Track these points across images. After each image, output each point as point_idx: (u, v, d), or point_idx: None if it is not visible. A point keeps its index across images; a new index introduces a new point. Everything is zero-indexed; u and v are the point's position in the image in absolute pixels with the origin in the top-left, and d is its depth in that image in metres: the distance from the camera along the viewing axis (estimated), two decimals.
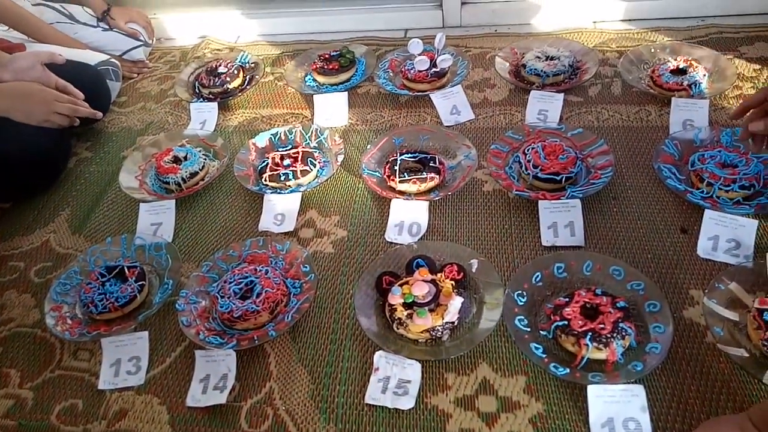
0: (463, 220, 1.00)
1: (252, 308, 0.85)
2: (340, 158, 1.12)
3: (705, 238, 0.88)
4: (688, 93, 1.15)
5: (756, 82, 1.18)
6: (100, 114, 1.25)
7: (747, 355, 0.72)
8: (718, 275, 0.81)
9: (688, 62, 1.20)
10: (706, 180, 0.94)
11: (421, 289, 0.82)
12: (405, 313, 0.81)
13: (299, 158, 1.12)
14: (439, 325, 0.80)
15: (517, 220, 0.98)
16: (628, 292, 0.82)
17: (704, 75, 1.17)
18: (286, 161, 1.12)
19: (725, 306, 0.78)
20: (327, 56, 1.39)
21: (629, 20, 1.46)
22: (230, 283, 0.89)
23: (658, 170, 0.98)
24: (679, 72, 1.18)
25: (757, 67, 1.22)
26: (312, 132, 1.20)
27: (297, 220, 1.03)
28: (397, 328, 0.82)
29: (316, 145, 1.18)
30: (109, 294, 0.92)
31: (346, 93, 1.30)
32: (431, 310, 0.81)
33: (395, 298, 0.83)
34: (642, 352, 0.75)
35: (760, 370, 0.70)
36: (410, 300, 0.82)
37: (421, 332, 0.80)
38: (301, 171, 1.09)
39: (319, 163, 1.13)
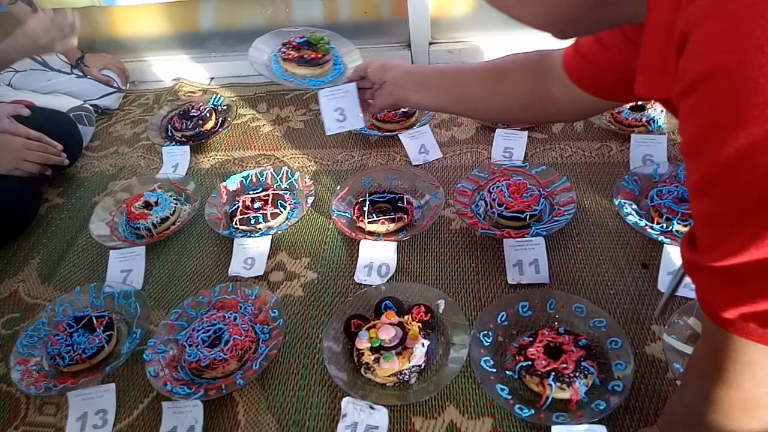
0: (431, 260, 1.02)
1: (220, 356, 0.85)
2: (311, 200, 1.13)
3: (665, 273, 0.91)
4: (647, 129, 1.19)
5: None
6: (67, 161, 1.26)
7: None
8: (678, 310, 0.83)
9: None
10: (665, 215, 0.97)
11: (387, 333, 0.83)
12: (372, 357, 0.82)
13: (270, 201, 1.13)
14: (406, 369, 0.81)
15: (484, 259, 1.00)
16: (590, 329, 0.83)
17: (662, 111, 1.21)
18: (257, 204, 1.13)
19: (685, 341, 0.80)
20: (295, 44, 1.18)
21: None
22: (198, 330, 0.89)
23: (618, 206, 1.01)
24: (638, 108, 1.23)
25: None
26: (283, 174, 1.21)
27: (267, 263, 1.04)
28: (365, 373, 0.82)
29: (287, 186, 1.20)
30: (77, 345, 0.91)
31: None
32: (398, 354, 0.82)
33: (362, 342, 0.83)
34: (605, 390, 0.76)
35: None
36: (377, 344, 0.82)
37: (389, 376, 0.81)
38: (271, 214, 1.10)
39: (289, 204, 1.14)
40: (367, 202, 1.09)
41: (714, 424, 0.54)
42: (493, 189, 1.07)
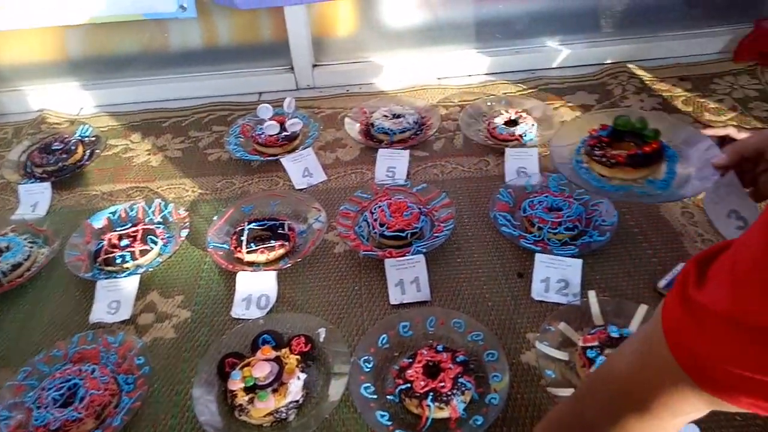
0: (314, 286, 0.98)
1: (73, 416, 0.76)
2: (185, 233, 1.06)
3: (538, 281, 0.93)
4: (520, 142, 1.24)
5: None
6: None
7: None
8: (548, 317, 0.85)
9: (519, 113, 1.30)
10: (536, 224, 1.00)
11: (262, 370, 0.78)
12: (246, 398, 0.77)
13: (139, 237, 1.05)
14: (283, 406, 0.76)
15: (367, 281, 0.98)
16: (468, 343, 0.83)
17: (533, 125, 1.27)
18: (124, 241, 1.05)
19: (557, 347, 0.82)
20: (606, 140, 0.93)
21: (470, 75, 1.56)
22: (49, 389, 0.80)
23: (494, 218, 1.03)
24: (512, 123, 1.28)
25: (579, 113, 1.35)
26: (155, 206, 1.14)
27: (135, 305, 0.96)
28: (239, 415, 0.77)
29: (161, 220, 1.12)
30: None
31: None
32: (274, 391, 0.77)
33: (235, 383, 0.78)
34: (483, 404, 0.76)
35: None
36: (251, 383, 0.77)
37: (265, 416, 0.76)
38: (140, 251, 1.02)
39: (161, 239, 1.07)
40: (246, 231, 1.04)
41: None
42: (375, 209, 1.06)
